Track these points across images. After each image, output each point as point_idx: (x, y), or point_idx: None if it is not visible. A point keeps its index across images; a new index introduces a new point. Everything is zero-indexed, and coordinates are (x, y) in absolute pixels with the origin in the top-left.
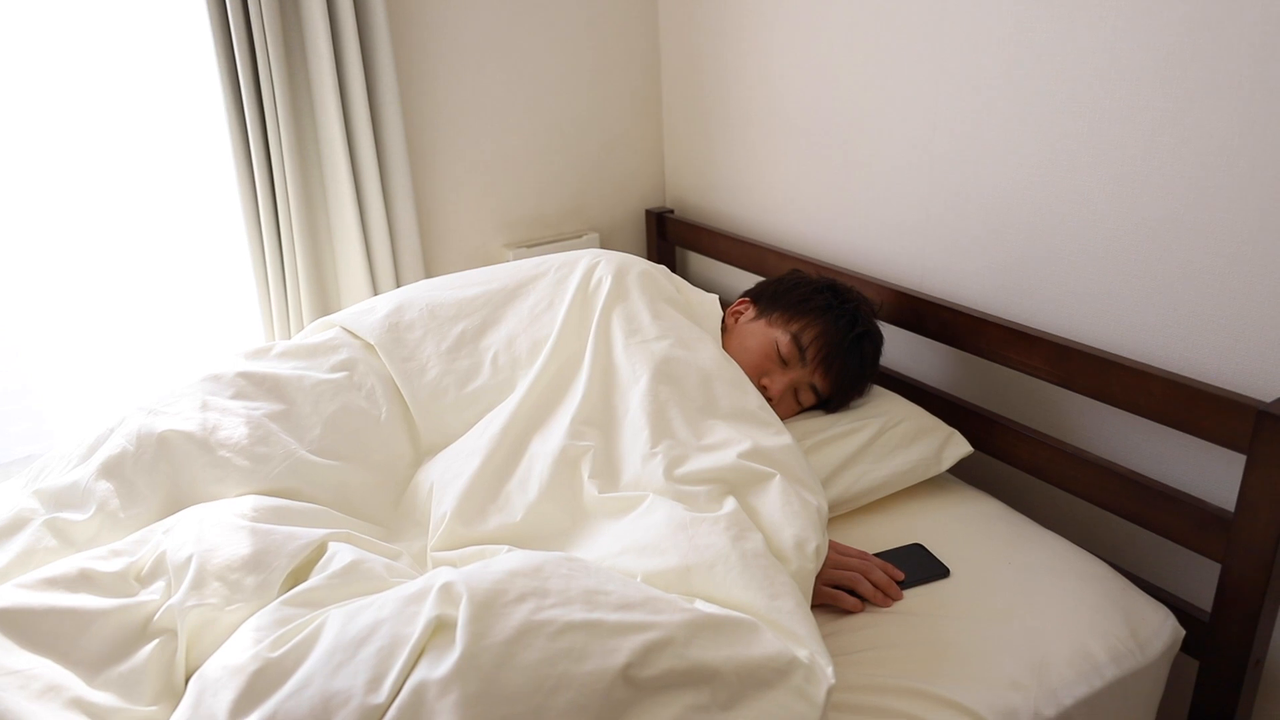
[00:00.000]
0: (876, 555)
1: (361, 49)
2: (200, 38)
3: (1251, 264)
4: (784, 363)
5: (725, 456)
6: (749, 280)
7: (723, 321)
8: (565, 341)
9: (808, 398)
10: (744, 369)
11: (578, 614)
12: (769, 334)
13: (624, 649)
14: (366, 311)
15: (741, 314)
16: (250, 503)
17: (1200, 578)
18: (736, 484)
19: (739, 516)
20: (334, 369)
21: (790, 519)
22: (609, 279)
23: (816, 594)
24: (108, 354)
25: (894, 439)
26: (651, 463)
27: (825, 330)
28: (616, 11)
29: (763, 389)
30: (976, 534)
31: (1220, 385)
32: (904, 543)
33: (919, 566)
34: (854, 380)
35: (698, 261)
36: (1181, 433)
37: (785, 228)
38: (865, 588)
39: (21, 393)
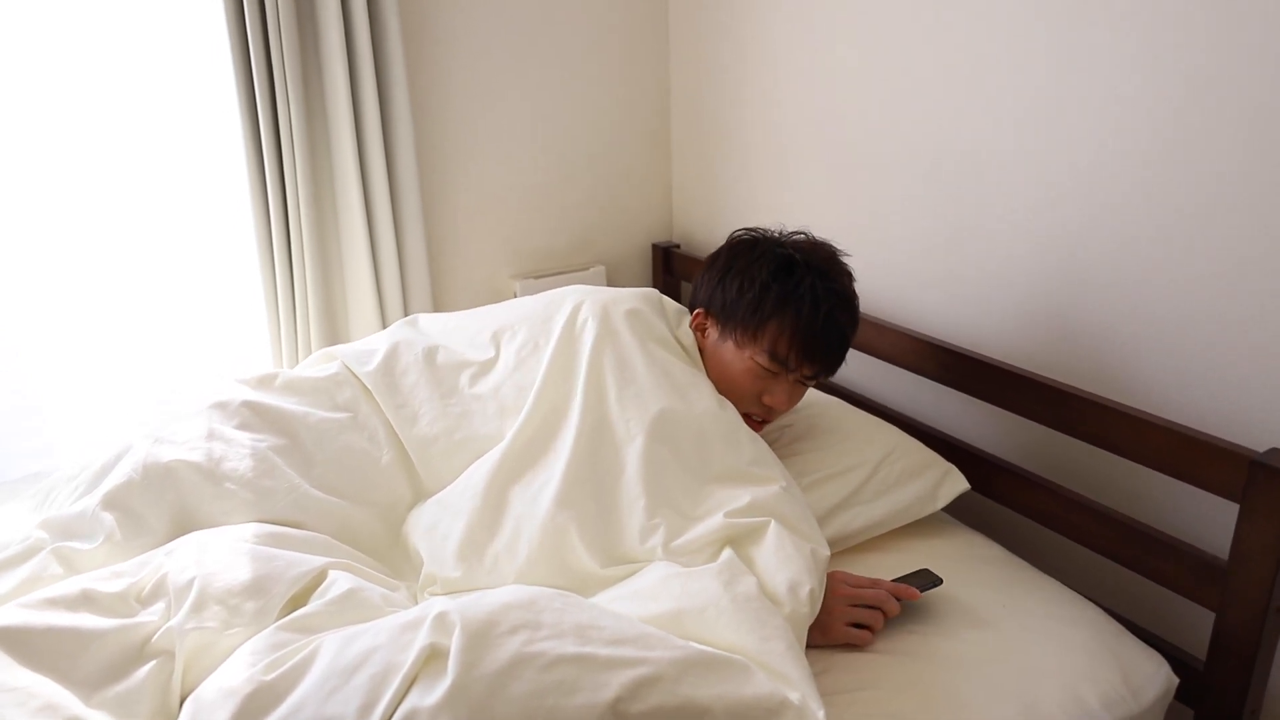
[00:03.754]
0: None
1: (377, 82)
2: (220, 66)
3: (1245, 314)
4: (773, 374)
5: (717, 520)
6: None
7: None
8: (551, 386)
9: (809, 384)
10: (739, 396)
11: (570, 647)
12: (745, 358)
13: (614, 684)
14: (367, 354)
15: (706, 331)
16: (253, 529)
17: (1196, 625)
18: (732, 538)
19: (733, 563)
20: (338, 408)
21: (784, 563)
22: (594, 320)
23: (837, 635)
24: (116, 371)
25: (890, 476)
26: (651, 538)
27: (794, 329)
28: (628, 48)
29: (767, 409)
30: (972, 576)
31: (1215, 434)
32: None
33: (927, 583)
34: (842, 347)
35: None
36: (1178, 480)
37: None
38: (882, 626)
39: (29, 410)
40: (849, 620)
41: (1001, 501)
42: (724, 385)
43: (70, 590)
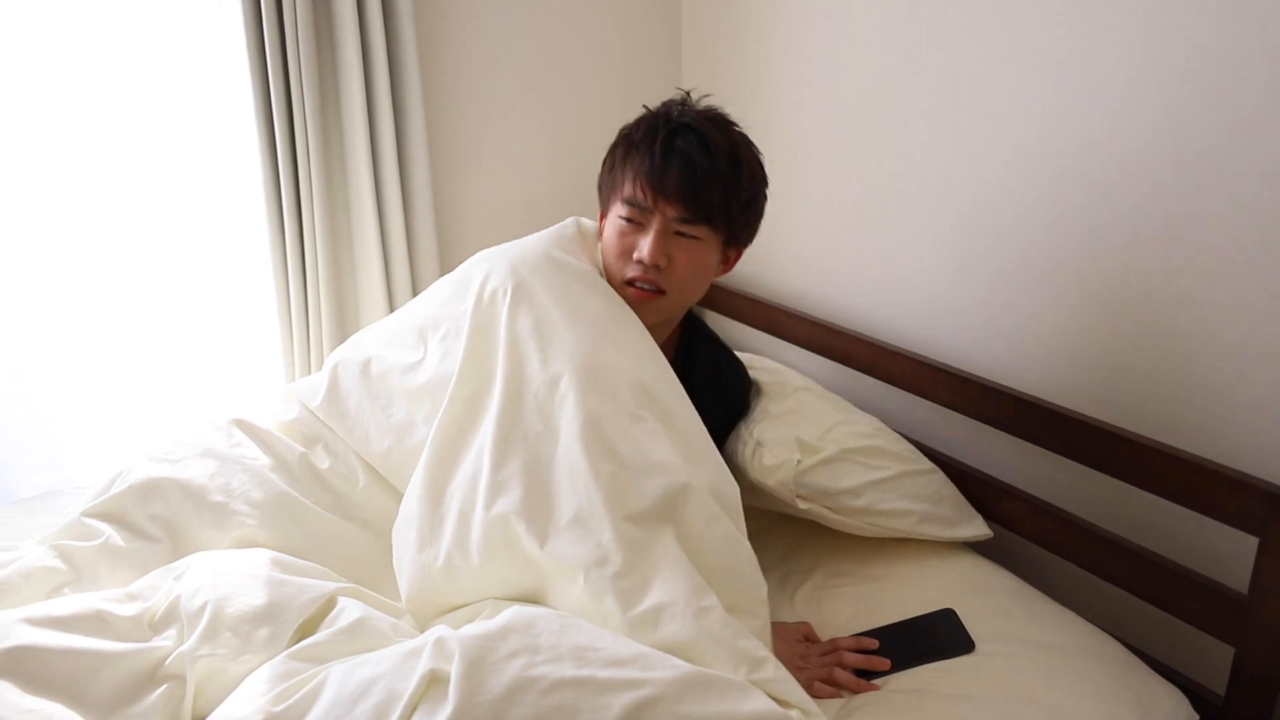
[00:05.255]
0: (907, 621)
1: (393, 97)
2: (238, 81)
3: (1267, 344)
4: (639, 225)
5: (657, 487)
6: (764, 340)
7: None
8: (469, 370)
9: (690, 239)
10: (615, 261)
11: (569, 670)
12: (612, 219)
13: (615, 706)
14: (316, 387)
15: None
16: (262, 555)
17: (1215, 659)
18: (674, 514)
19: (699, 587)
20: (310, 442)
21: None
22: (505, 286)
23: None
24: (127, 382)
25: (924, 489)
26: (596, 498)
27: (638, 166)
28: (641, 67)
29: (639, 264)
30: (986, 608)
31: (1233, 466)
32: (927, 610)
33: (945, 637)
34: (692, 176)
35: (713, 320)
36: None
37: (801, 289)
38: (841, 676)
39: (39, 420)
40: (805, 680)
41: (1015, 530)
42: (606, 259)
43: (84, 609)
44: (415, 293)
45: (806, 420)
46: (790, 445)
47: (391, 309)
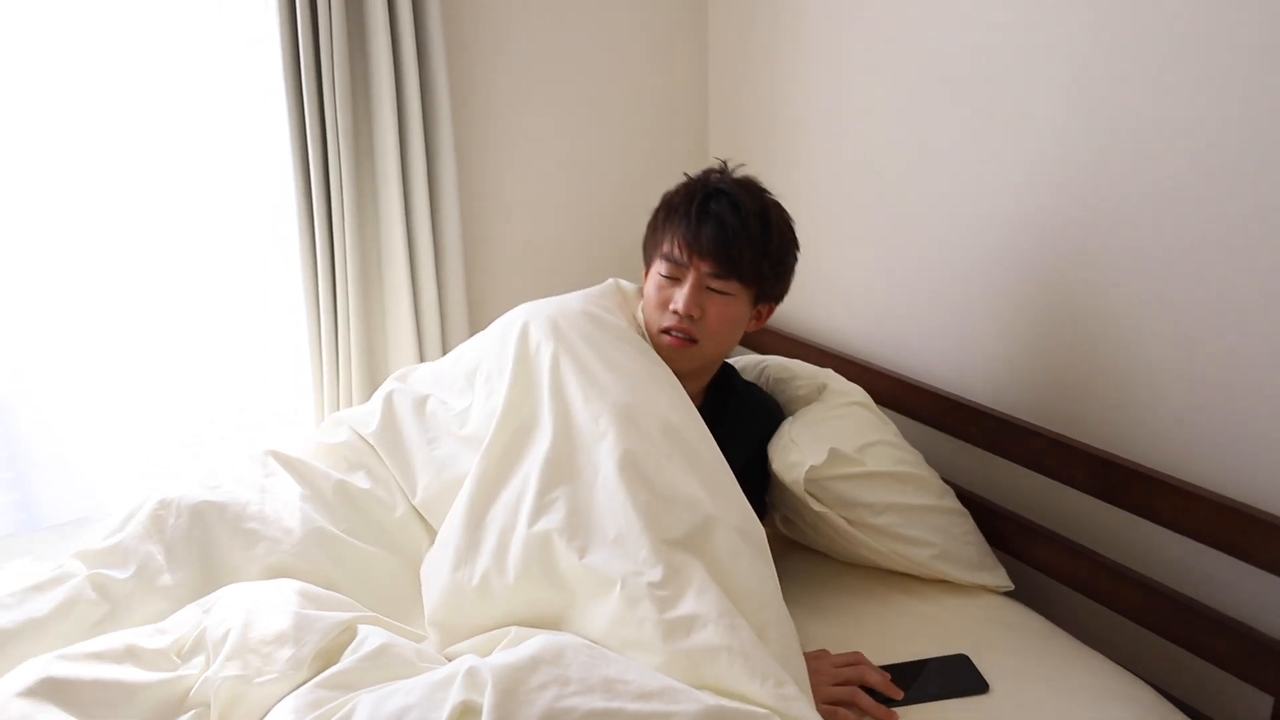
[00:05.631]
0: (920, 660)
1: (425, 136)
2: (274, 111)
3: None
4: (675, 281)
5: (687, 519)
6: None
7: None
8: (514, 407)
9: (722, 294)
10: (654, 313)
11: (599, 702)
12: (653, 275)
13: None
14: (369, 415)
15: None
16: (288, 585)
17: (1252, 706)
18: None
19: (729, 611)
20: (353, 467)
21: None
22: (546, 338)
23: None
24: (157, 411)
25: (950, 527)
26: (635, 521)
27: (677, 226)
28: (668, 106)
29: (674, 314)
30: (1011, 646)
31: (1265, 508)
32: (943, 652)
33: (957, 677)
34: (724, 236)
35: (738, 355)
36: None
37: (828, 325)
38: (864, 701)
39: (68, 448)
40: (826, 699)
41: (1043, 570)
42: (647, 310)
43: (115, 645)
44: (443, 329)
45: (849, 432)
46: (820, 449)
47: (420, 342)
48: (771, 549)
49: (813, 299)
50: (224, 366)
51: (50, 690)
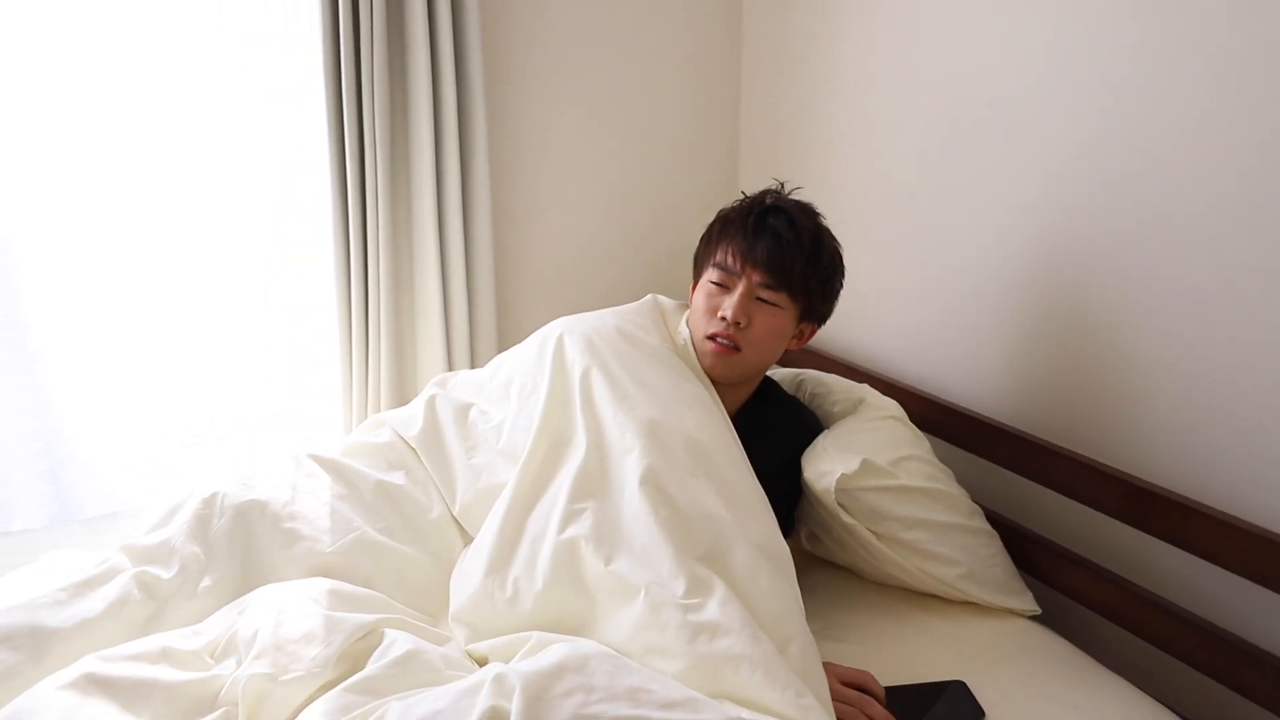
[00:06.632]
0: (917, 684)
1: (460, 146)
2: (314, 128)
3: None
4: (725, 289)
5: (707, 536)
6: None
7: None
8: (551, 420)
9: (770, 305)
10: (701, 320)
11: (624, 710)
12: (703, 284)
13: None
14: (412, 419)
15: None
16: (319, 585)
17: None
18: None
19: (748, 623)
20: (392, 468)
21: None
22: (580, 354)
23: None
24: (191, 412)
25: (978, 548)
26: (657, 536)
27: (732, 235)
28: (698, 119)
29: (722, 321)
30: (1036, 671)
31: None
32: (949, 677)
33: (951, 704)
34: (779, 249)
35: (773, 371)
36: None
37: (858, 343)
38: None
39: (100, 445)
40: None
41: (1070, 595)
42: (694, 319)
43: (151, 647)
44: (472, 337)
45: (883, 444)
46: (852, 459)
47: (449, 350)
48: (794, 565)
49: (842, 316)
50: (255, 368)
51: (93, 684)
